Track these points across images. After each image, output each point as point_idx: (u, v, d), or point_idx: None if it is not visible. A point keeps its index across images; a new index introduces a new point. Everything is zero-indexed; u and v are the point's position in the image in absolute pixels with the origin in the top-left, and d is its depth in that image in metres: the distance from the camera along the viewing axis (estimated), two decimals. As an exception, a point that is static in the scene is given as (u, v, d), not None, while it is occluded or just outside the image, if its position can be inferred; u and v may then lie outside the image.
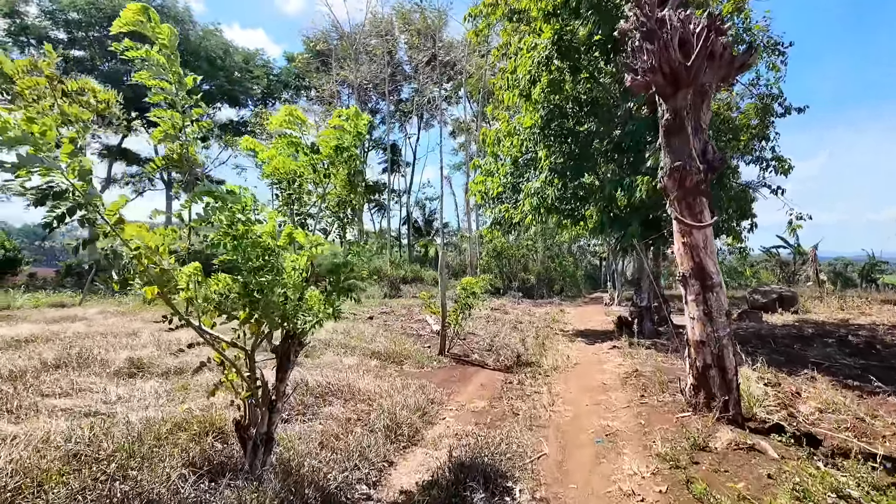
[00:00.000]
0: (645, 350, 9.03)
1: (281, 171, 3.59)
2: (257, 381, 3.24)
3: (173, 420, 3.72)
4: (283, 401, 3.31)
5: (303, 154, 3.41)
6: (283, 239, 3.00)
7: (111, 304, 15.98)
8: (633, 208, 10.12)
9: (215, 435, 3.63)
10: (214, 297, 2.75)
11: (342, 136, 3.50)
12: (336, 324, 9.62)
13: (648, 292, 10.99)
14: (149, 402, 4.36)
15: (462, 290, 8.02)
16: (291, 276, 3.02)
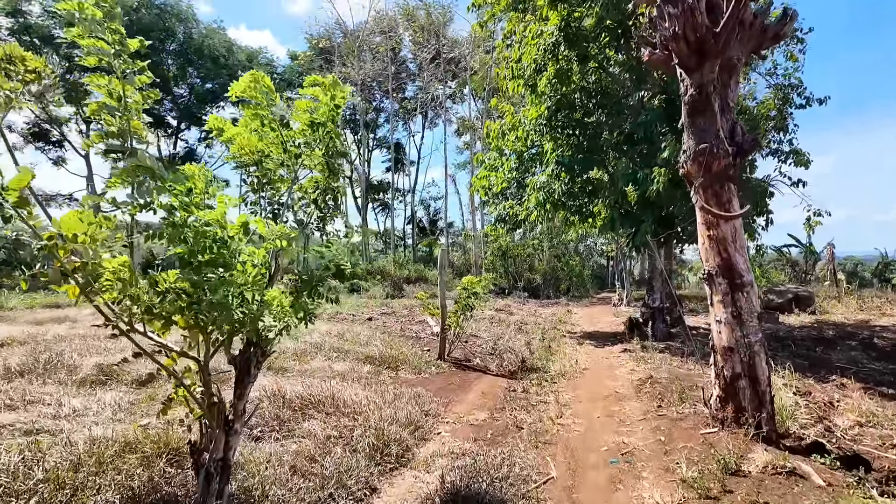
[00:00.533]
0: (658, 354, 8.47)
1: (247, 152, 3.09)
2: (213, 397, 2.74)
3: (124, 439, 3.23)
4: (242, 421, 2.81)
5: (269, 129, 2.90)
6: (235, 228, 2.50)
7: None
8: (645, 204, 9.56)
9: (171, 457, 3.14)
10: (144, 299, 2.25)
11: (317, 109, 2.99)
12: (331, 326, 9.14)
13: (661, 292, 10.42)
14: (105, 417, 3.88)
15: (463, 290, 7.50)
16: (247, 274, 2.51)
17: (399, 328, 10.23)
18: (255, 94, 2.94)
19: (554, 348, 9.00)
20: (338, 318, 12.14)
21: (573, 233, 23.53)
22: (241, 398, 2.80)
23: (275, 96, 2.98)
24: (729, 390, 4.09)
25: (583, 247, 37.46)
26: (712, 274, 4.18)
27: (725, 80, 4.07)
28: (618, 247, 19.57)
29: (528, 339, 10.19)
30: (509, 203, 11.55)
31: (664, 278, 10.62)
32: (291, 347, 7.06)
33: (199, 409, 2.68)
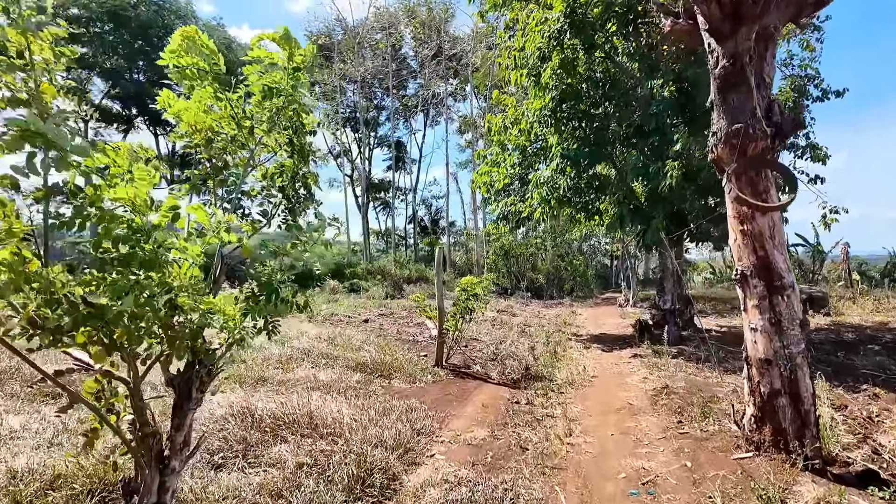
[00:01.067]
0: (672, 360, 7.91)
1: (195, 130, 2.57)
2: (147, 427, 2.21)
3: (54, 471, 2.70)
4: (182, 457, 2.27)
5: (208, 95, 2.37)
6: (161, 215, 1.97)
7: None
8: (656, 199, 9.00)
9: (106, 495, 2.60)
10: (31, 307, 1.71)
11: (269, 73, 2.46)
12: (322, 329, 8.62)
13: (672, 293, 9.85)
14: (45, 439, 3.35)
15: (462, 291, 6.95)
16: (179, 276, 1.98)
17: (396, 331, 9.69)
18: (192, 58, 2.40)
19: (559, 353, 8.45)
20: (333, 319, 11.62)
21: (577, 232, 22.99)
22: (181, 429, 2.26)
23: (218, 58, 2.45)
24: (766, 409, 3.54)
25: (587, 246, 36.90)
26: (746, 275, 3.63)
27: (762, 50, 3.53)
28: (623, 246, 18.98)
29: (532, 342, 9.65)
30: (511, 199, 10.99)
31: (676, 278, 10.05)
32: (276, 354, 6.54)
33: (126, 443, 2.16)
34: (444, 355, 7.08)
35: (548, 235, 26.77)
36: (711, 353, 7.90)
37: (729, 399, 5.59)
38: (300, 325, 8.85)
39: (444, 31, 35.95)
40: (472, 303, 6.86)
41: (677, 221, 9.03)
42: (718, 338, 10.92)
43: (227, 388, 4.87)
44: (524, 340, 9.73)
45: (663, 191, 7.99)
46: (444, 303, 7.09)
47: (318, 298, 18.88)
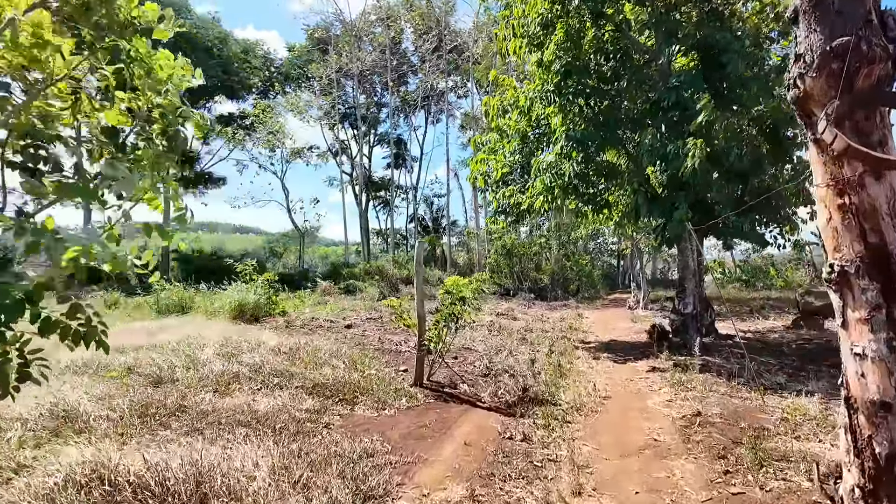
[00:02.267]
0: (698, 375, 6.66)
1: None
2: None
3: None
4: None
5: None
6: None
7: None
8: (676, 186, 7.76)
9: None
10: None
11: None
12: (288, 339, 7.43)
13: (694, 296, 8.59)
14: None
15: (445, 294, 5.71)
16: None
17: (378, 339, 8.48)
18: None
19: (565, 365, 7.20)
20: (311, 325, 10.44)
21: (584, 228, 21.72)
22: None
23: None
24: (883, 479, 2.31)
25: (593, 245, 35.61)
26: (847, 272, 2.40)
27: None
28: (633, 243, 17.71)
29: (533, 351, 8.42)
30: (510, 189, 9.75)
31: (698, 279, 8.79)
32: (217, 371, 5.34)
33: None
34: (426, 372, 5.87)
35: (552, 234, 25.51)
36: (747, 367, 6.64)
37: (781, 433, 4.35)
38: (260, 333, 7.67)
39: (445, 24, 34.74)
40: (459, 308, 5.64)
41: (701, 212, 7.77)
42: (745, 345, 9.66)
43: (114, 429, 3.67)
44: (524, 349, 8.51)
45: (685, 175, 6.74)
46: (430, 307, 5.88)
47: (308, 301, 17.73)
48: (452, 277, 5.65)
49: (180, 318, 11.50)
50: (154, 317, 12.29)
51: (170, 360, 5.72)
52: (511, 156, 10.27)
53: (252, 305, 12.09)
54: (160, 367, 5.38)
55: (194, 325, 8.78)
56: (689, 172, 6.66)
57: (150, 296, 14.08)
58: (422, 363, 5.67)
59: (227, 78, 34.09)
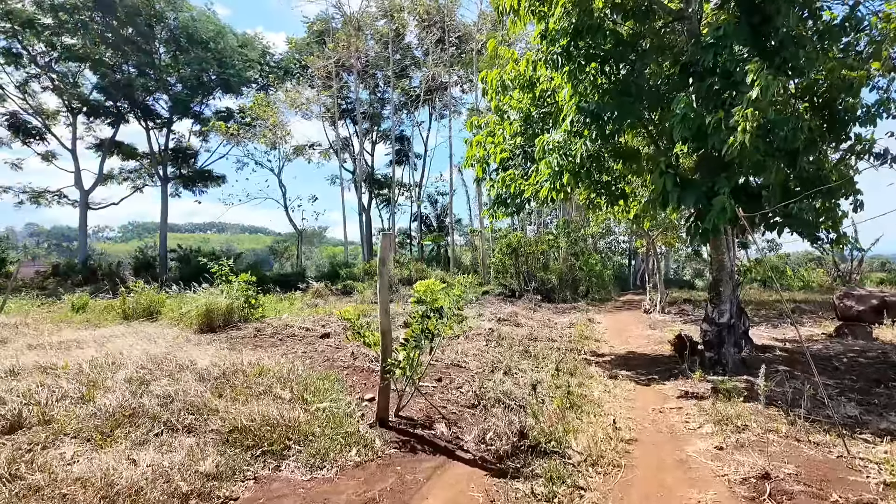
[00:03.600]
0: (746, 405, 5.22)
1: None
2: None
3: None
4: None
5: None
6: None
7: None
8: (715, 166, 6.32)
9: None
10: None
11: None
12: (236, 354, 6.08)
13: (731, 302, 7.12)
14: None
15: (416, 303, 4.28)
16: None
17: (352, 353, 7.08)
18: None
19: (575, 391, 5.77)
20: (283, 333, 9.09)
21: (594, 225, 20.23)
22: None
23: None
24: None
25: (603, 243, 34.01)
26: None
27: None
28: (649, 241, 16.16)
29: (537, 368, 7.01)
30: (509, 174, 8.30)
31: (735, 282, 7.31)
32: (112, 406, 3.99)
33: None
34: (392, 405, 4.48)
35: (561, 231, 23.99)
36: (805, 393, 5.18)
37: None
38: (207, 347, 6.32)
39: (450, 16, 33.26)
40: (434, 322, 4.24)
41: (745, 199, 6.29)
42: (786, 360, 8.17)
43: None
44: (527, 366, 7.09)
45: (731, 152, 5.28)
46: (389, 323, 4.44)
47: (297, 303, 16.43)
48: (425, 282, 4.23)
49: (133, 325, 10.22)
50: (112, 322, 11.05)
51: (62, 389, 4.39)
52: (512, 139, 8.86)
53: (224, 310, 10.82)
54: (36, 399, 4.04)
55: (138, 337, 7.46)
56: (736, 149, 5.21)
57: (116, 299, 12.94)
58: (386, 395, 4.27)
59: (222, 72, 32.97)
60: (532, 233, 30.15)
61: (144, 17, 31.16)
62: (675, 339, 8.64)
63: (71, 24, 29.84)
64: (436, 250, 37.00)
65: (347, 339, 4.35)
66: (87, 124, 33.12)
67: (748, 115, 5.15)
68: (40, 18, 29.01)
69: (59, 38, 30.11)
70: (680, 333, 8.62)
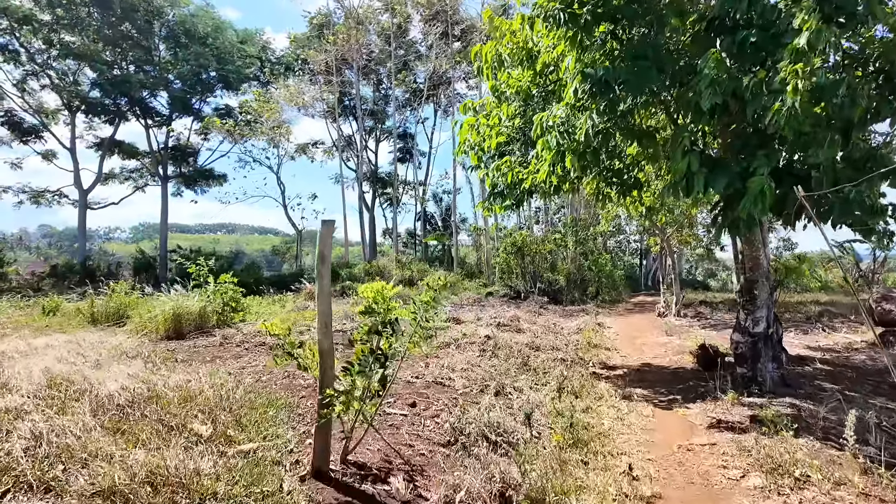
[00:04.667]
0: (798, 440, 4.09)
1: None
2: None
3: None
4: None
5: None
6: None
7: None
8: (751, 143, 5.19)
9: None
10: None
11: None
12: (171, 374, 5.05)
13: (767, 307, 5.97)
14: None
15: (364, 313, 3.15)
16: None
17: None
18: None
19: (580, 418, 4.66)
20: (252, 342, 8.09)
21: (604, 223, 19.05)
22: None
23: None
24: None
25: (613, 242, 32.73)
26: None
27: None
28: (664, 238, 14.96)
29: (536, 386, 5.92)
30: (505, 160, 7.22)
31: (772, 285, 6.16)
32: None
33: None
34: (338, 448, 3.41)
35: (569, 229, 22.81)
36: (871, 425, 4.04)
37: None
38: (125, 364, 5.28)
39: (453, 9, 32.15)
40: (387, 340, 3.14)
41: (789, 183, 5.14)
42: (829, 374, 7.00)
43: None
44: (524, 382, 6.00)
45: (777, 120, 4.14)
46: (332, 338, 3.34)
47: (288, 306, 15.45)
48: (373, 284, 3.14)
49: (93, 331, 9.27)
50: (75, 328, 10.12)
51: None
52: (510, 121, 7.76)
53: (196, 315, 9.86)
54: None
55: (69, 347, 6.46)
56: (783, 117, 4.07)
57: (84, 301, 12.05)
58: (325, 437, 3.20)
59: (220, 68, 32.20)
60: (540, 232, 28.95)
61: (142, 12, 30.49)
62: (697, 349, 7.49)
63: (68, 19, 29.24)
64: (441, 250, 35.92)
65: (275, 363, 3.25)
66: (87, 123, 32.53)
67: (798, 70, 4.02)
68: (37, 15, 28.42)
69: (58, 35, 29.48)
70: (704, 343, 7.47)
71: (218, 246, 42.22)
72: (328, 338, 3.25)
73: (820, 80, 4.34)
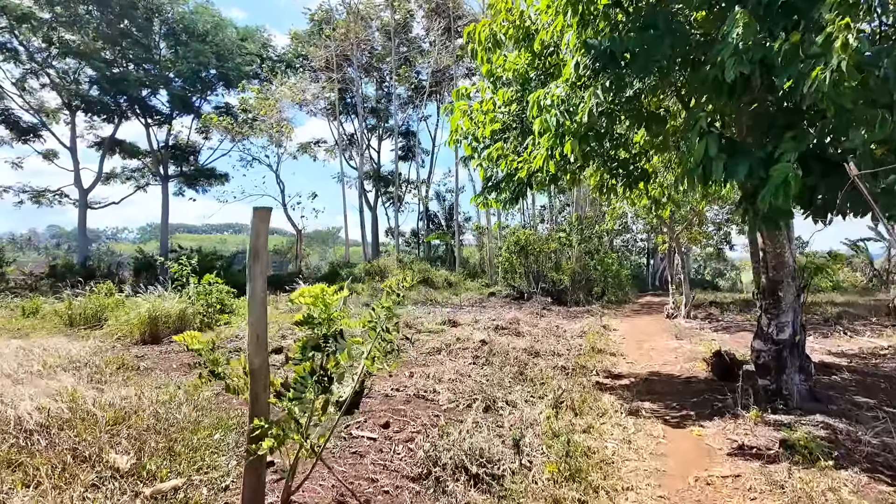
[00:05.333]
0: (840, 473, 3.42)
1: None
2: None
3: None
4: None
5: None
6: None
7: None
8: (778, 122, 4.51)
9: None
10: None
11: None
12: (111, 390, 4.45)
13: (794, 311, 5.28)
14: None
15: (301, 324, 2.48)
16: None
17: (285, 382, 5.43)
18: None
19: (579, 442, 4.00)
20: (227, 348, 7.50)
21: (610, 219, 18.34)
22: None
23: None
24: None
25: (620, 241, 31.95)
26: None
27: None
28: (672, 236, 14.22)
29: (531, 400, 5.26)
30: (498, 146, 6.56)
31: (799, 285, 5.46)
32: None
33: None
34: (284, 489, 2.77)
35: (573, 227, 22.07)
36: None
37: None
38: (61, 376, 4.68)
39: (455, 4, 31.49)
40: (333, 357, 2.49)
41: (817, 170, 4.45)
42: (860, 385, 6.29)
43: None
44: (518, 395, 5.34)
45: (819, 88, 3.46)
46: (267, 352, 2.66)
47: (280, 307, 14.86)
48: (312, 287, 2.47)
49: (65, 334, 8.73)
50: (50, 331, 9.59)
51: None
52: (506, 106, 7.11)
53: (175, 317, 9.31)
54: None
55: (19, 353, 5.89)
56: (828, 83, 3.39)
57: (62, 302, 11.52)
58: (256, 476, 2.55)
59: (220, 65, 31.72)
60: (544, 231, 28.22)
61: (142, 10, 30.08)
62: (712, 356, 6.80)
63: (66, 17, 28.84)
64: (444, 250, 35.25)
65: (199, 382, 2.61)
66: (87, 122, 32.17)
67: (842, 26, 3.34)
68: (36, 13, 28.06)
69: (57, 33, 29.11)
70: (719, 350, 6.78)
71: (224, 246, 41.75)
72: (261, 354, 2.61)
73: (862, 46, 3.65)
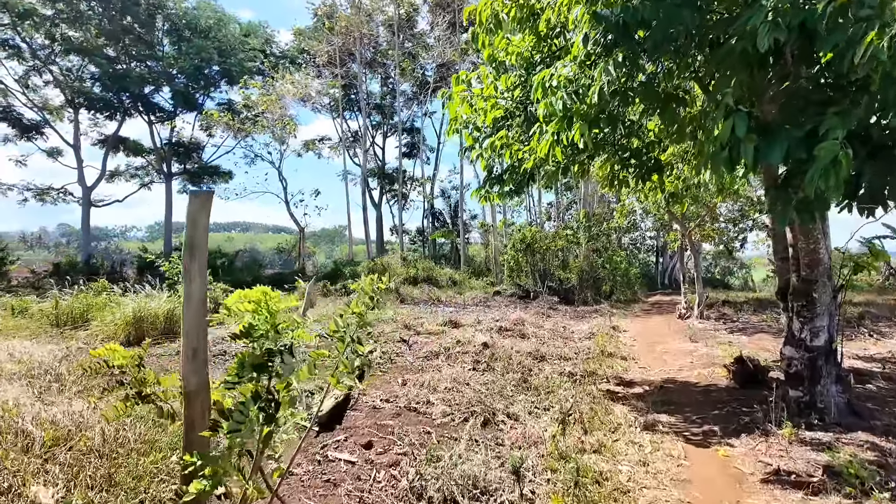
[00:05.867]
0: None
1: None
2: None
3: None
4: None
5: None
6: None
7: None
8: (817, 103, 3.96)
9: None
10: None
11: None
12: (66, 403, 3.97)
13: (830, 314, 4.73)
14: None
15: (239, 336, 1.94)
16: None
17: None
18: None
19: (589, 465, 3.48)
20: (213, 351, 7.03)
21: (619, 216, 17.74)
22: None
23: None
24: None
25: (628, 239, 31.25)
26: None
27: None
28: (685, 232, 13.61)
29: (535, 412, 4.74)
30: (502, 135, 6.03)
31: (835, 286, 4.90)
32: None
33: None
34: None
35: (581, 225, 21.47)
36: None
37: None
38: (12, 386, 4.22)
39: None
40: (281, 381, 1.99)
41: (862, 152, 3.89)
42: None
43: None
44: (521, 406, 4.82)
45: (877, 55, 2.92)
46: (207, 369, 2.16)
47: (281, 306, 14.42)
48: (251, 291, 1.95)
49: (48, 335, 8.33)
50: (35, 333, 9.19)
51: None
52: (509, 92, 6.57)
53: (162, 318, 8.89)
54: None
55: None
56: (883, 51, 2.84)
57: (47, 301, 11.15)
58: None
59: (223, 61, 31.38)
60: (551, 228, 27.63)
61: (144, 6, 29.79)
62: (733, 362, 6.24)
63: (69, 14, 28.57)
64: (450, 247, 34.72)
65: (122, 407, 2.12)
66: (91, 119, 31.94)
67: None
68: (38, 9, 27.82)
69: (59, 30, 28.87)
70: (741, 356, 6.22)
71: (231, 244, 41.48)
72: (199, 372, 2.12)
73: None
